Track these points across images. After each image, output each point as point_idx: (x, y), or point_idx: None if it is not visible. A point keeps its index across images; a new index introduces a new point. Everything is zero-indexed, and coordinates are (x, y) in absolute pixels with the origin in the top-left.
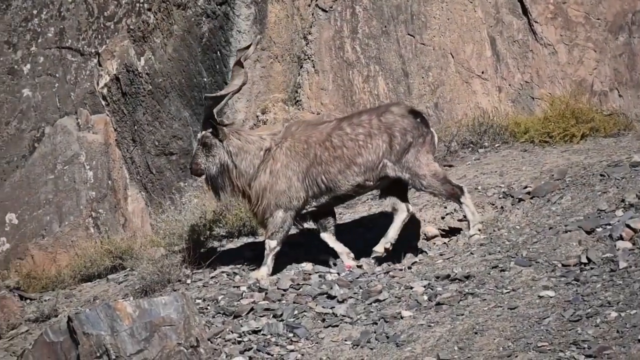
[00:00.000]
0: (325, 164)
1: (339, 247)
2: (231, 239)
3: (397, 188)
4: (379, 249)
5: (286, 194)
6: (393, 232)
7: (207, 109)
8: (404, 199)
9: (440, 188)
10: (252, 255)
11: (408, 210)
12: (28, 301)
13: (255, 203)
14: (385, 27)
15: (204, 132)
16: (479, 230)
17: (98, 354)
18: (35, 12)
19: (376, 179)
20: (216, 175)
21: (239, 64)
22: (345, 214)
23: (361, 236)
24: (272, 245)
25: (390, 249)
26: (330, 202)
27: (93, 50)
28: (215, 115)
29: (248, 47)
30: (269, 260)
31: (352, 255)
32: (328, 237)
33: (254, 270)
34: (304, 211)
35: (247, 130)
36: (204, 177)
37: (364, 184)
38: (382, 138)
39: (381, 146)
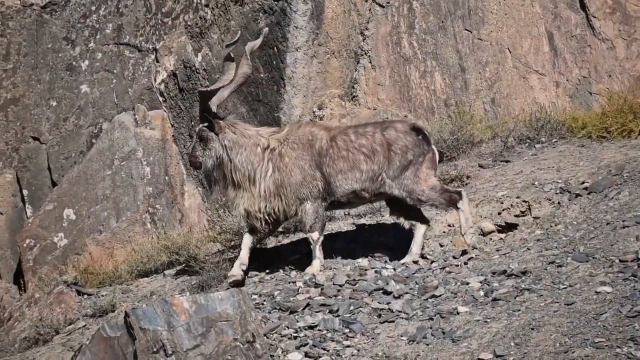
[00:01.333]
0: (330, 158)
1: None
2: (287, 235)
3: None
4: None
5: (305, 184)
6: (416, 247)
7: (202, 102)
8: (418, 215)
9: (440, 198)
10: (308, 251)
11: (427, 223)
12: (85, 296)
13: (269, 202)
14: (443, 22)
15: (200, 126)
16: (472, 234)
17: (155, 349)
18: (93, 8)
19: (373, 192)
20: (212, 169)
21: (228, 58)
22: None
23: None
24: (315, 237)
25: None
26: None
27: (151, 47)
28: (213, 109)
29: (236, 41)
30: (318, 252)
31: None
32: (247, 242)
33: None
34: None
35: (245, 124)
36: (201, 169)
37: (360, 194)
38: (383, 153)
39: (381, 160)
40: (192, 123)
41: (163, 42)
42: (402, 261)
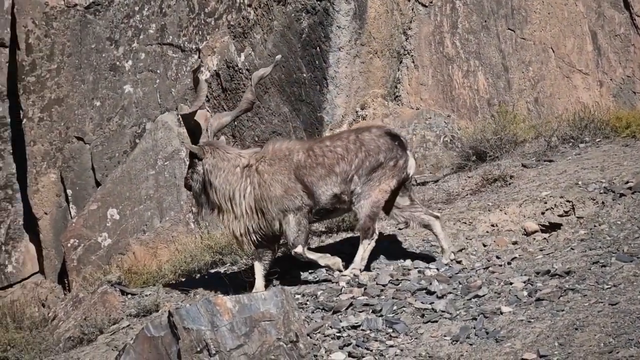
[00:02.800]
0: (309, 168)
1: (260, 282)
2: (330, 234)
3: (410, 206)
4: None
5: (286, 196)
6: (445, 243)
7: (185, 125)
8: (423, 209)
9: (363, 217)
10: (351, 251)
11: (437, 217)
12: (129, 296)
13: (252, 220)
14: (486, 21)
15: (189, 151)
16: (353, 275)
17: (198, 349)
18: (137, 8)
19: (349, 194)
20: (199, 192)
21: (195, 80)
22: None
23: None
24: (299, 250)
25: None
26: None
27: (194, 47)
28: (197, 134)
29: (199, 67)
30: (313, 256)
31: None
32: (258, 268)
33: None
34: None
35: (227, 147)
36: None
37: (341, 197)
38: (357, 153)
39: (355, 161)
40: (235, 123)
41: (206, 42)
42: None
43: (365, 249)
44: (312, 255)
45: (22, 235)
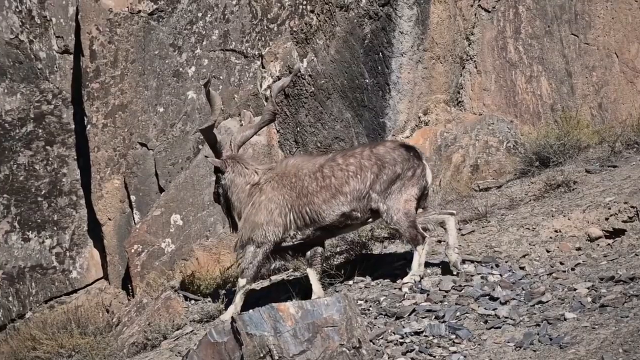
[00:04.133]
0: (311, 194)
1: (316, 287)
2: (393, 240)
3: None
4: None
5: (262, 227)
6: (452, 239)
7: (206, 139)
8: (437, 210)
9: (406, 229)
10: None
11: (452, 214)
12: (192, 302)
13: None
14: (549, 26)
15: (211, 163)
16: (414, 281)
17: (261, 355)
18: (200, 15)
19: (364, 210)
20: (223, 205)
21: (207, 94)
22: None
23: None
24: (242, 283)
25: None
26: (316, 234)
27: (256, 52)
28: (220, 148)
29: (208, 81)
30: (237, 299)
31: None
32: (311, 274)
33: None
34: (285, 244)
35: (247, 162)
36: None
37: (351, 214)
38: (372, 169)
39: (368, 176)
40: (298, 129)
41: (269, 48)
42: (453, 263)
43: (420, 254)
44: (238, 298)
45: (86, 241)
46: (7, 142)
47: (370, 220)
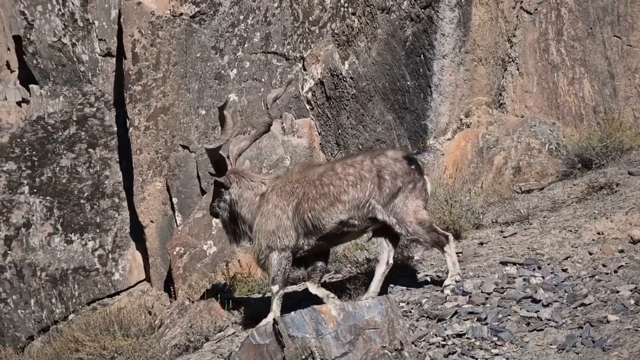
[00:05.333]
0: (312, 200)
1: (320, 291)
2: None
3: (389, 233)
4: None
5: (275, 234)
6: (374, 285)
7: (210, 158)
8: (393, 246)
9: (426, 236)
10: (456, 259)
11: (388, 262)
12: (234, 303)
13: (252, 246)
14: (591, 28)
15: (214, 179)
16: (456, 281)
17: (303, 357)
18: (241, 17)
19: (363, 218)
20: (227, 220)
21: (221, 117)
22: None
23: None
24: (275, 290)
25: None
26: (319, 244)
27: (298, 55)
28: (222, 164)
29: (225, 105)
30: (274, 305)
31: (334, 297)
32: (310, 285)
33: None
34: (300, 253)
35: (252, 175)
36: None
37: (348, 222)
38: (372, 180)
39: (369, 187)
40: (339, 131)
41: (310, 50)
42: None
43: (450, 254)
44: (275, 304)
45: (128, 243)
46: (50, 144)
47: (369, 228)
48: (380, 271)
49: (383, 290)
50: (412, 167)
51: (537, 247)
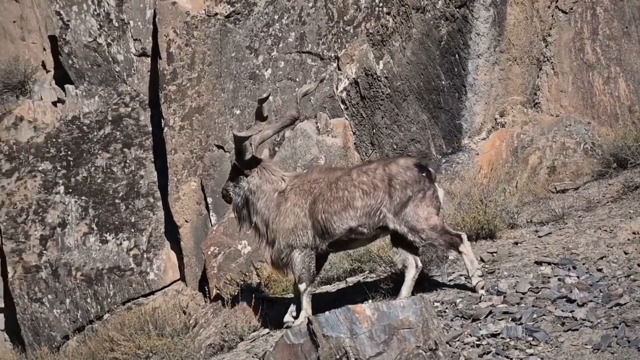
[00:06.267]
0: (326, 202)
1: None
2: (469, 242)
3: (406, 242)
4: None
5: (294, 232)
6: (406, 290)
7: (235, 145)
8: (414, 253)
9: (440, 239)
10: (491, 259)
11: (417, 266)
12: (269, 303)
13: (272, 246)
14: (627, 27)
15: (233, 163)
16: (480, 276)
17: (338, 356)
18: (276, 17)
19: (372, 227)
20: (240, 207)
21: (258, 113)
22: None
23: None
24: (302, 288)
25: None
26: (326, 249)
27: (332, 55)
28: (246, 154)
29: (266, 98)
30: (305, 303)
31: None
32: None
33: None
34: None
35: (274, 168)
36: (231, 204)
37: (357, 230)
38: (384, 189)
39: (380, 195)
40: (374, 131)
41: (345, 50)
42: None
43: (467, 253)
44: (305, 302)
45: (163, 243)
46: (85, 144)
47: (378, 237)
48: (410, 275)
49: (417, 290)
50: (423, 174)
51: (572, 247)
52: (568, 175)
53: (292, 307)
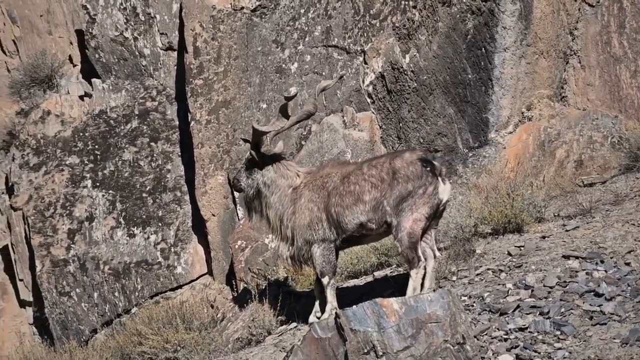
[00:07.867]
0: (339, 196)
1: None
2: (496, 236)
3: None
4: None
5: (311, 227)
6: (428, 282)
7: (253, 137)
8: (430, 243)
9: (405, 250)
10: (518, 252)
11: (435, 256)
12: (296, 297)
13: (286, 241)
14: None
15: (248, 154)
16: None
17: (365, 350)
18: (302, 11)
19: (379, 223)
20: (252, 198)
21: (282, 110)
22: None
23: None
24: (326, 281)
25: None
26: (340, 244)
27: (359, 49)
28: (262, 146)
29: (294, 96)
30: (330, 296)
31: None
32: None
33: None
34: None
35: (289, 164)
36: (243, 194)
37: (367, 225)
38: (388, 181)
39: (385, 188)
40: (400, 125)
41: (371, 44)
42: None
43: (414, 279)
44: (329, 295)
45: (190, 237)
46: (112, 138)
47: (383, 230)
48: (430, 267)
49: (445, 284)
50: (427, 169)
51: (600, 241)
52: (595, 169)
53: (317, 307)
